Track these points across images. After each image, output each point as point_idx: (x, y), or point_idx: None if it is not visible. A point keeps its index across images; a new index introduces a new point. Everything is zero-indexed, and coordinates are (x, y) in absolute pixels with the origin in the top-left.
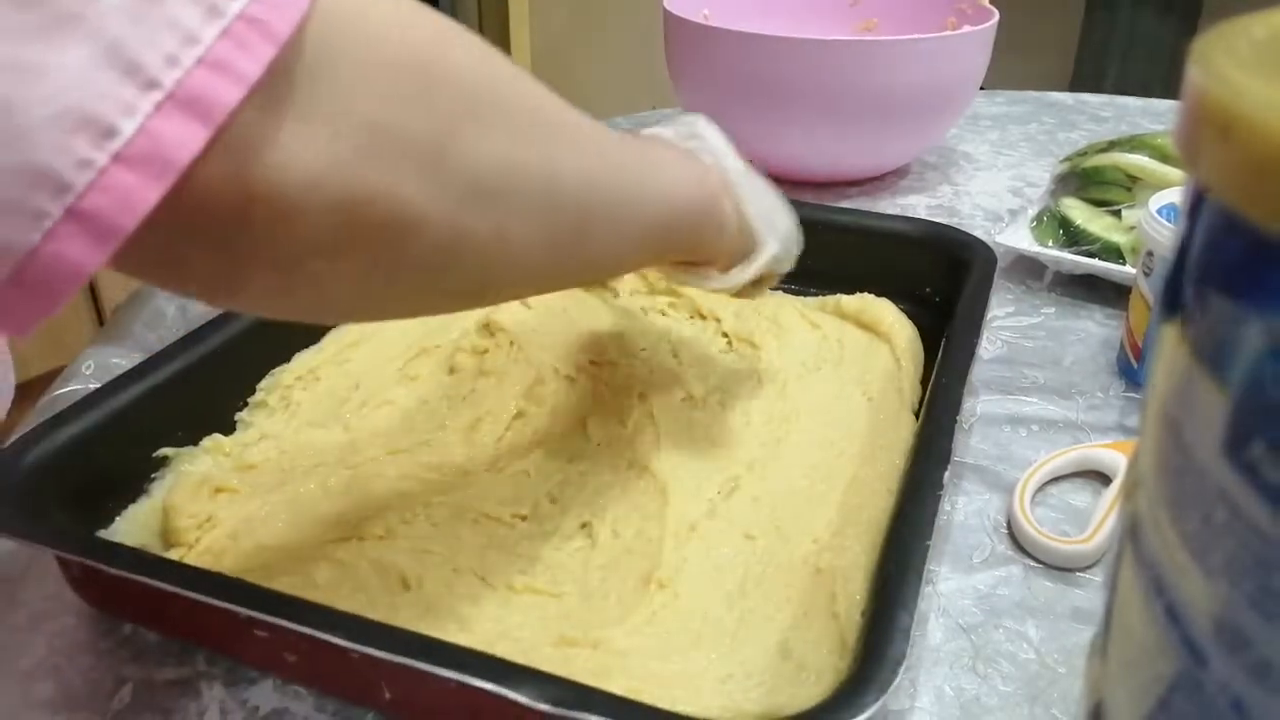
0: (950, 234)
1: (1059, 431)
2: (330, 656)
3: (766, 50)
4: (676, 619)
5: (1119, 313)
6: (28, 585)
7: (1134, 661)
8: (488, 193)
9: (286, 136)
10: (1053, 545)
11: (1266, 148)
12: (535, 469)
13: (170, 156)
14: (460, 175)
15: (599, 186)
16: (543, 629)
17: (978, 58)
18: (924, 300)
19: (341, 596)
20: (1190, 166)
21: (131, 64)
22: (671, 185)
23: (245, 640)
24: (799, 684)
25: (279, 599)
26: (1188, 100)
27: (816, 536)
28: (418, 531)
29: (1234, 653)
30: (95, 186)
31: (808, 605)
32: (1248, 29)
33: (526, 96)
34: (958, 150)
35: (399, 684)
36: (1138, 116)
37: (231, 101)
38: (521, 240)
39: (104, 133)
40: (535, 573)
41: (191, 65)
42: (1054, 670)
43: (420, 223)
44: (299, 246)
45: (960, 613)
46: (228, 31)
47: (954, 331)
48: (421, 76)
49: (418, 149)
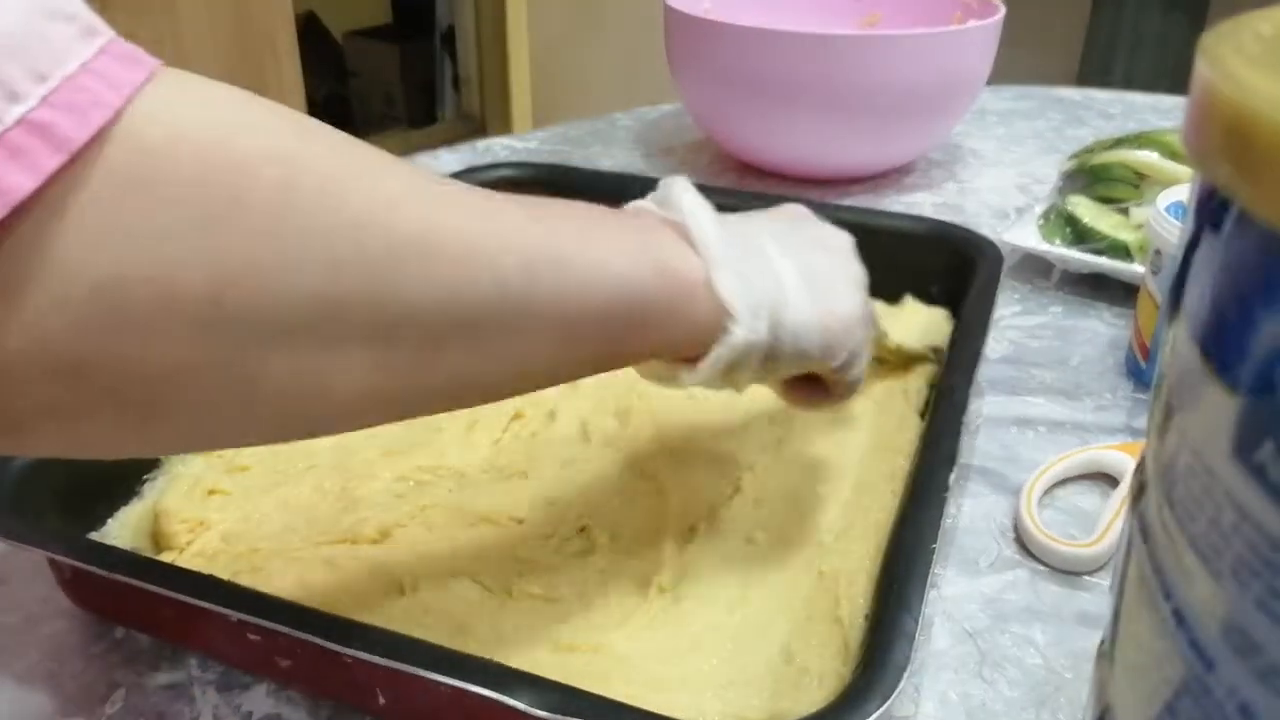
0: (957, 233)
1: (1066, 433)
2: (322, 661)
3: (769, 45)
4: (677, 623)
5: (1127, 312)
6: (20, 589)
7: (1141, 666)
8: (285, 332)
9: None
10: (1059, 548)
11: (1275, 145)
12: (533, 471)
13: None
14: (250, 318)
15: (465, 302)
16: (541, 634)
17: (984, 53)
18: (930, 299)
19: (335, 600)
20: (1198, 164)
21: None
22: (593, 275)
23: (237, 644)
24: (802, 689)
25: (270, 602)
26: (1196, 97)
27: (820, 540)
28: (412, 535)
29: (1242, 657)
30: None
31: (811, 609)
32: (1255, 25)
33: (377, 208)
34: (964, 146)
35: (393, 689)
36: (1146, 113)
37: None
38: (343, 377)
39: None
40: (533, 577)
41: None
42: (1061, 675)
43: (191, 373)
44: (27, 410)
45: (966, 617)
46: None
47: (960, 333)
48: (221, 202)
49: (190, 299)
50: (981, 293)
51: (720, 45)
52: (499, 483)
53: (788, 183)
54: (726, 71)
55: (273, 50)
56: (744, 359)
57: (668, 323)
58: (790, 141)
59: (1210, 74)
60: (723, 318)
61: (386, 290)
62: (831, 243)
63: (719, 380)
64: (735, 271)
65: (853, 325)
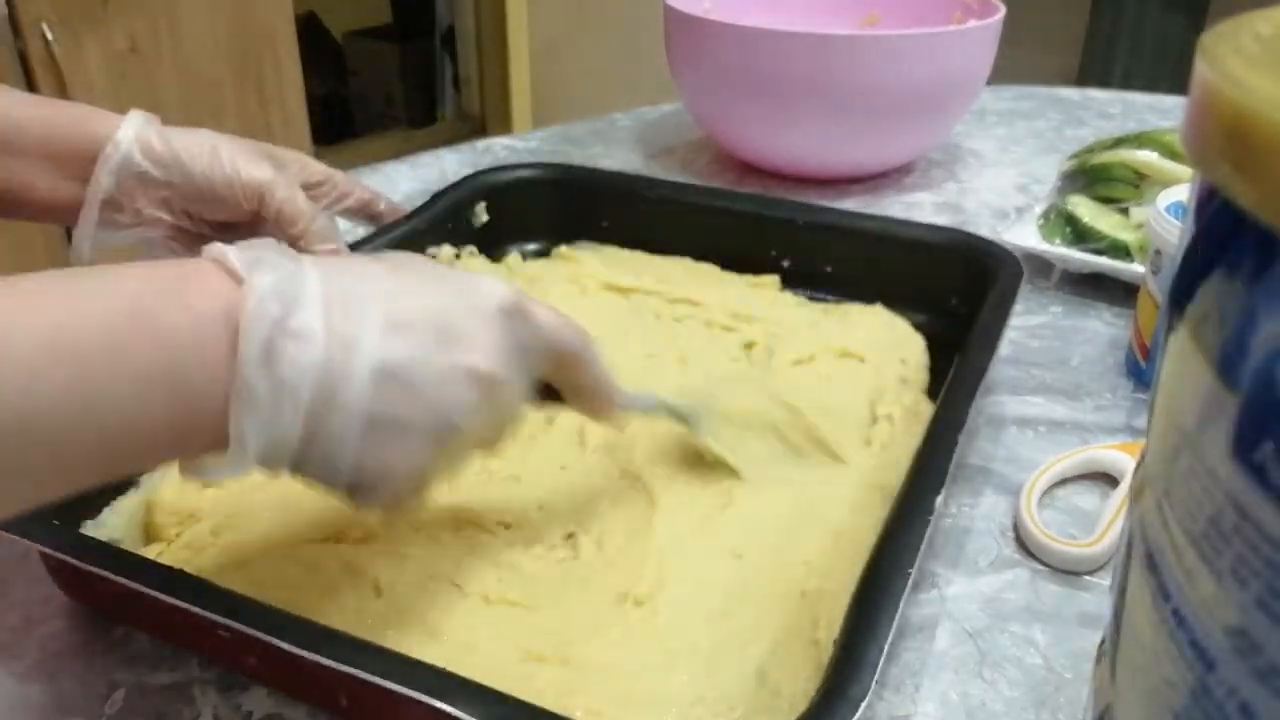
0: (978, 244)
1: (1066, 433)
2: (285, 661)
3: (769, 45)
4: (651, 637)
5: (1127, 312)
6: (20, 589)
7: (1142, 666)
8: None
9: None
10: (1060, 548)
11: (1275, 145)
12: (527, 476)
13: None
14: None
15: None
16: (512, 641)
17: (984, 53)
18: (946, 310)
19: (308, 599)
20: (1198, 164)
21: None
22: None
23: (210, 639)
24: (772, 712)
25: (234, 599)
26: (1195, 97)
27: (808, 559)
28: (397, 535)
29: (1242, 657)
30: None
31: (790, 630)
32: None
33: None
34: (963, 146)
35: (353, 693)
36: (1145, 113)
37: None
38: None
39: None
40: (512, 583)
41: None
42: (1061, 675)
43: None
44: None
45: (966, 617)
46: None
47: (968, 349)
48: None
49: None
50: (996, 311)
51: (720, 45)
52: (491, 486)
53: (788, 183)
54: (726, 71)
55: (273, 50)
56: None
57: (178, 446)
58: (790, 141)
59: (1210, 74)
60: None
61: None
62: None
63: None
64: (265, 407)
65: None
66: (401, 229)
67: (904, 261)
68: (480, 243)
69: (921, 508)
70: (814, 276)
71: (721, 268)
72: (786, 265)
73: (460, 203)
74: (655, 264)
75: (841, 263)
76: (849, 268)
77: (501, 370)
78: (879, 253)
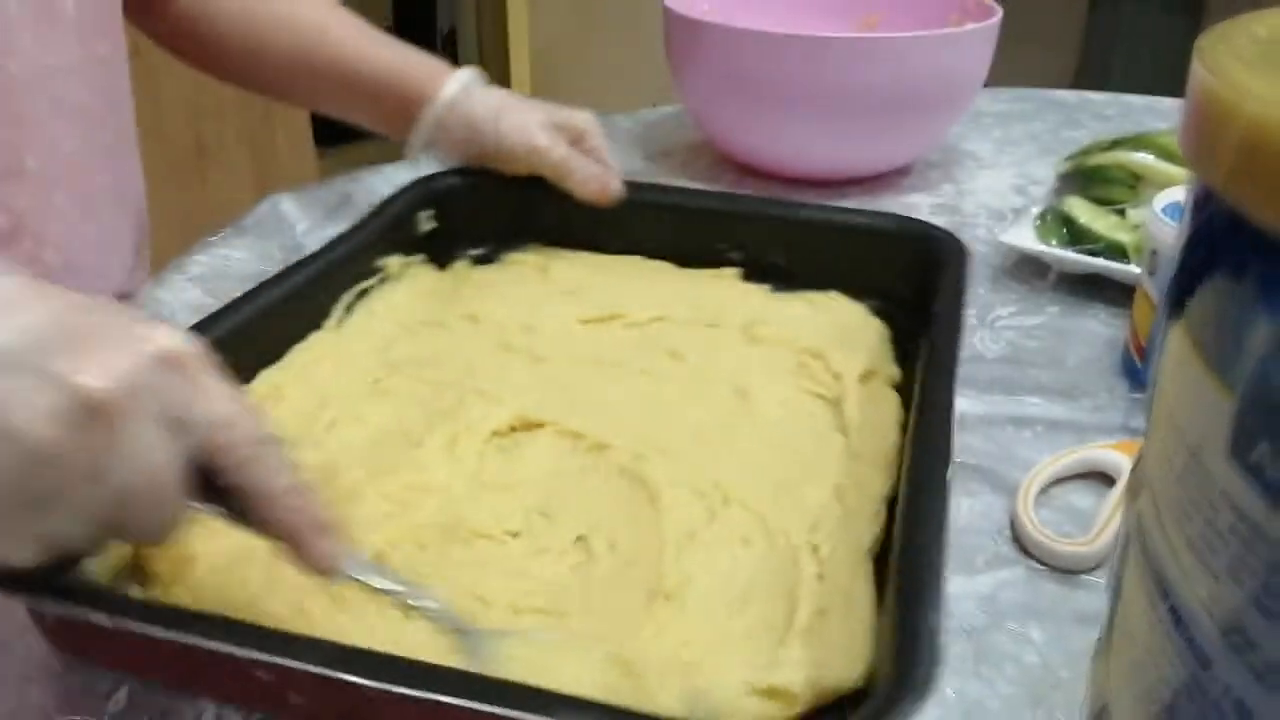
0: (918, 229)
1: (1062, 432)
2: (328, 689)
3: (768, 47)
4: (686, 630)
5: (1123, 312)
6: None
7: (1138, 664)
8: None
9: None
10: (1056, 547)
11: (1270, 147)
12: (521, 482)
13: None
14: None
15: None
16: (555, 654)
17: (981, 55)
18: (897, 298)
19: (339, 626)
20: (1194, 165)
21: None
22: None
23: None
24: (817, 685)
25: (271, 635)
26: (1192, 99)
27: (810, 539)
28: (406, 555)
29: (1239, 655)
30: None
31: (814, 605)
32: (1250, 27)
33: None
34: (961, 148)
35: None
36: (1142, 114)
37: None
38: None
39: None
40: (536, 592)
41: None
42: (1057, 674)
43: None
44: None
45: (963, 615)
46: None
47: (935, 333)
48: None
49: None
50: (951, 293)
51: (720, 47)
52: (489, 496)
53: (786, 184)
54: (726, 73)
55: None
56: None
57: None
58: (788, 143)
59: (1206, 76)
60: None
61: None
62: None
63: None
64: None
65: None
66: (347, 244)
67: (851, 249)
68: (429, 251)
69: (933, 484)
70: (765, 270)
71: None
72: (738, 259)
73: (403, 211)
74: (608, 264)
75: (793, 253)
76: (799, 258)
77: (120, 401)
78: (827, 243)
